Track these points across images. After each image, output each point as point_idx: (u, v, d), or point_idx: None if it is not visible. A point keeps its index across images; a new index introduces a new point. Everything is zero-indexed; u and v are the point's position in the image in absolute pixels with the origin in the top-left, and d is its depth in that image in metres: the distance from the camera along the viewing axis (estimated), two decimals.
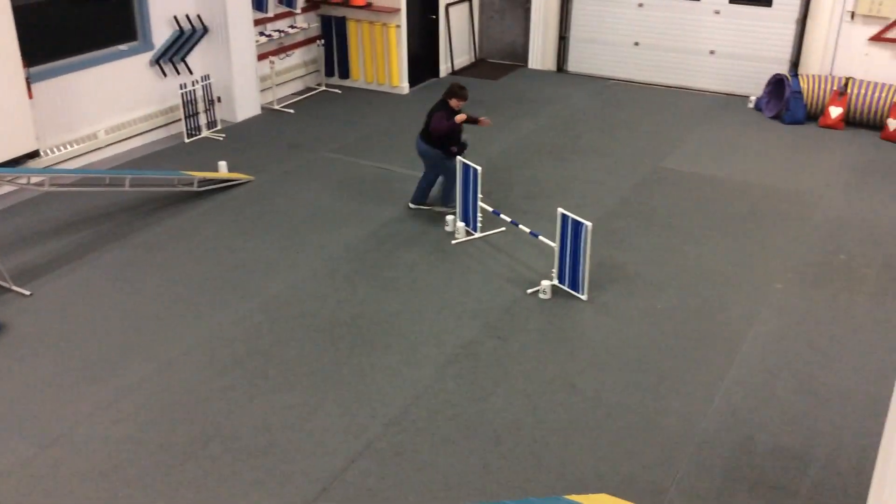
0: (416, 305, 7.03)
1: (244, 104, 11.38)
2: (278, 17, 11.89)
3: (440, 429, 5.61)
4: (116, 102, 10.09)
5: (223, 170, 9.53)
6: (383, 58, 12.49)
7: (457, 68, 13.81)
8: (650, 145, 10.58)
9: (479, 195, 8.01)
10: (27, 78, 8.81)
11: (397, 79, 12.55)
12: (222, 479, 5.17)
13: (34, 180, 7.89)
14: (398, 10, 12.09)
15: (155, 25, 10.36)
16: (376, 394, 5.95)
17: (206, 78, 10.84)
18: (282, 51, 12.12)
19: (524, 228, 7.86)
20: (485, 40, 14.38)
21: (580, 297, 7.10)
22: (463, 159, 8.05)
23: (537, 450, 5.42)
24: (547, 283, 7.15)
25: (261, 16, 11.51)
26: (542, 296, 7.14)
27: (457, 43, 13.76)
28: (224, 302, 7.08)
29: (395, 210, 8.73)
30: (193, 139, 10.68)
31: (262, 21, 11.61)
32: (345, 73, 12.87)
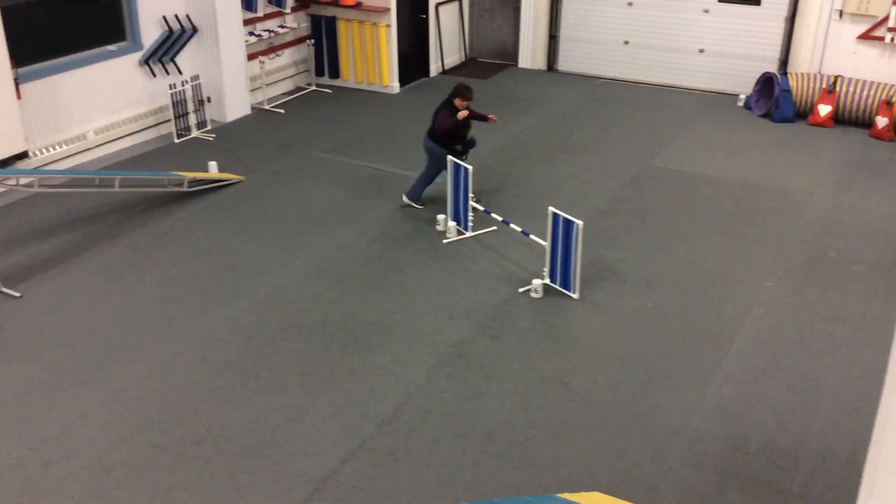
0: (408, 305, 7.03)
1: (234, 104, 11.35)
2: (268, 16, 11.87)
3: (432, 428, 5.61)
4: (106, 103, 10.05)
5: (213, 170, 9.50)
6: (373, 57, 12.48)
7: (447, 68, 13.81)
8: (640, 144, 10.61)
9: (471, 195, 8.01)
10: (15, 78, 8.76)
11: (387, 78, 12.54)
12: (214, 480, 5.16)
13: (23, 181, 7.86)
14: (388, 9, 12.08)
15: (144, 25, 10.32)
16: (368, 393, 5.94)
17: (196, 78, 10.81)
18: (271, 51, 12.10)
19: (515, 227, 7.87)
20: (475, 40, 14.38)
21: (572, 295, 7.11)
22: (454, 159, 8.06)
23: (530, 448, 5.43)
24: (538, 281, 7.16)
25: (250, 15, 11.48)
26: (533, 294, 7.15)
27: (447, 42, 13.76)
28: (215, 302, 7.06)
29: (386, 210, 8.73)
30: (183, 139, 10.65)
31: (252, 21, 11.58)
32: (335, 73, 12.86)
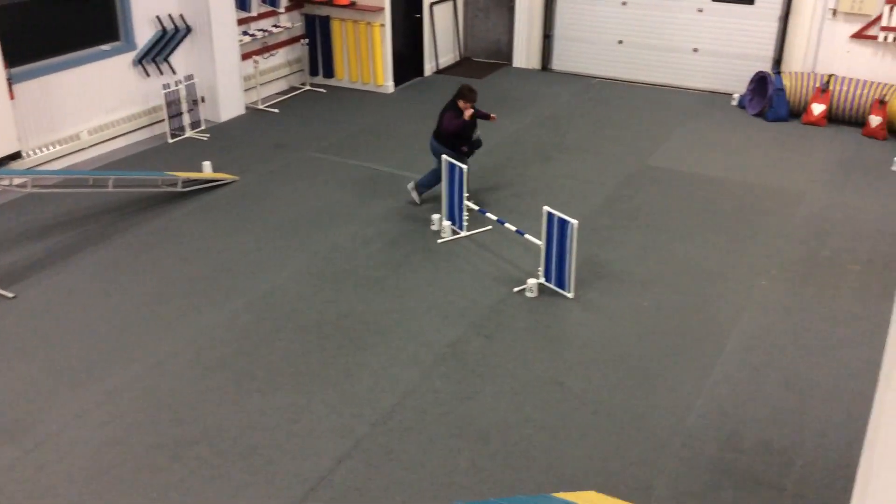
0: (403, 305, 7.02)
1: (228, 104, 11.33)
2: (262, 16, 11.86)
3: (428, 428, 5.61)
4: (99, 103, 10.03)
5: (208, 170, 9.48)
6: (368, 57, 12.48)
7: (441, 67, 13.80)
8: (635, 143, 10.62)
9: (466, 194, 8.01)
10: (9, 79, 8.74)
11: (382, 78, 12.53)
12: (210, 481, 5.16)
13: (16, 182, 7.84)
14: (382, 8, 12.07)
15: (137, 25, 10.30)
16: (363, 393, 5.94)
17: (190, 78, 10.79)
18: (266, 50, 12.08)
19: (510, 227, 7.86)
20: (469, 39, 14.38)
21: (567, 295, 7.12)
22: (448, 158, 8.07)
23: (525, 448, 5.43)
24: (533, 281, 7.16)
25: (244, 15, 11.47)
26: (528, 294, 7.15)
27: (441, 42, 13.75)
28: (210, 303, 7.05)
29: (381, 209, 8.72)
30: (177, 139, 10.62)
31: (246, 20, 11.57)
32: (329, 73, 12.84)
